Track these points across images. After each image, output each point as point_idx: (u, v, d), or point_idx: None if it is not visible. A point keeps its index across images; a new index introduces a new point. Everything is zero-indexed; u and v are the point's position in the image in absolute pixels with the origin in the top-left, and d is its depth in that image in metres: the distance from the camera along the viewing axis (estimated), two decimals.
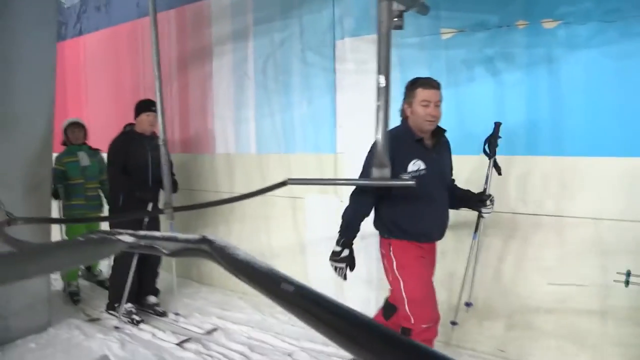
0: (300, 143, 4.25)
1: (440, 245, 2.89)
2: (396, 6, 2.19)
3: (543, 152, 3.11)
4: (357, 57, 3.74)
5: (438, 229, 2.76)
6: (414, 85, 2.61)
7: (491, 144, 2.86)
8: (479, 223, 2.93)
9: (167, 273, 4.64)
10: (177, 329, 3.90)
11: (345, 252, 2.61)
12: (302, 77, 4.17)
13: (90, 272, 5.16)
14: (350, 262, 2.64)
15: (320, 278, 4.12)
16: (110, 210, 4.31)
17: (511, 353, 3.29)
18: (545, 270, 3.13)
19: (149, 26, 3.29)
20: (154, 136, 3.95)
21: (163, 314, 4.19)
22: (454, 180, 2.88)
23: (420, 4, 2.53)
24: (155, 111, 3.69)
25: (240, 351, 3.51)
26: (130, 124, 4.11)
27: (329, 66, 3.98)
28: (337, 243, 2.63)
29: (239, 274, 0.97)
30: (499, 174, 2.89)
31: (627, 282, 2.61)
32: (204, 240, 1.21)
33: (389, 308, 2.96)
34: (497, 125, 2.87)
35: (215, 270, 3.63)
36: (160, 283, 4.46)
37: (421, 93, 2.55)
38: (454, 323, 3.07)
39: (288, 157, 4.32)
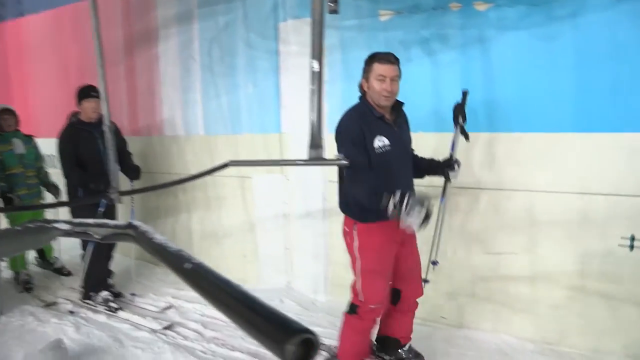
0: (246, 124, 4.30)
1: None
2: None
3: (477, 128, 3.22)
4: (299, 39, 3.78)
5: None
6: (371, 59, 2.57)
7: (458, 111, 2.92)
8: (446, 187, 2.99)
9: (125, 257, 4.72)
10: (136, 310, 3.98)
11: (396, 196, 2.30)
12: (247, 59, 4.19)
13: (46, 261, 5.04)
14: (409, 196, 2.30)
15: (270, 255, 4.26)
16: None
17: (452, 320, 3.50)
18: (481, 241, 3.33)
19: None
20: (101, 122, 3.80)
21: (119, 295, 4.22)
22: (413, 150, 2.90)
23: None
24: (96, 96, 3.63)
25: (194, 328, 3.63)
26: (75, 113, 4.00)
27: (272, 48, 4.02)
28: (391, 209, 2.30)
29: (156, 254, 1.09)
30: (467, 139, 2.96)
31: (631, 247, 2.68)
32: (130, 226, 1.32)
33: (395, 294, 2.88)
34: (465, 93, 2.94)
35: None
36: (117, 266, 4.49)
37: (377, 68, 2.52)
38: (425, 281, 3.08)
39: (235, 137, 4.36)
